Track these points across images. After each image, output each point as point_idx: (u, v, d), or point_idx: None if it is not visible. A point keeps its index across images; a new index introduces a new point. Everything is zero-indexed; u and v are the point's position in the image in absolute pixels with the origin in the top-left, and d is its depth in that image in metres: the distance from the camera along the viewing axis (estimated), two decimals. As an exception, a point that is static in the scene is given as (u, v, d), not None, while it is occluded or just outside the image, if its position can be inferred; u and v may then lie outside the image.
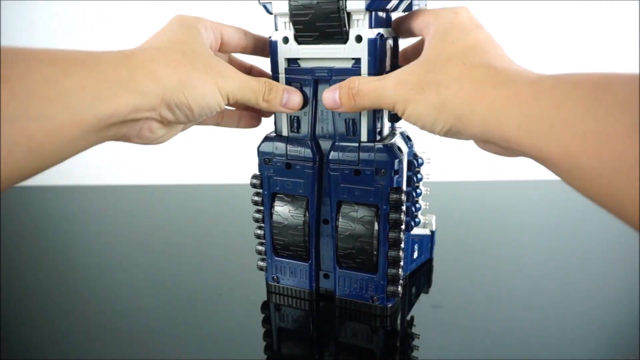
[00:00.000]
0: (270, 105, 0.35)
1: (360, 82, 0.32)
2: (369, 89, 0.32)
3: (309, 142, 0.38)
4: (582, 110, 0.22)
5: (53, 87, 0.24)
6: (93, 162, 1.04)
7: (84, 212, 0.69)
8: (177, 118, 0.31)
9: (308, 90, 0.36)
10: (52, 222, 0.66)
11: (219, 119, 0.39)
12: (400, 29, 0.36)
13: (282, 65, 0.36)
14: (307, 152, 0.37)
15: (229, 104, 0.34)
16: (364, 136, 0.36)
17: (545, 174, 0.28)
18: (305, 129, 0.38)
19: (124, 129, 0.29)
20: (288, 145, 0.38)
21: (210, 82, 0.31)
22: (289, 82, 0.36)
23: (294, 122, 0.38)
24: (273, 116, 0.39)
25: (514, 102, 0.25)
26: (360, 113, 0.35)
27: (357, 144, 0.36)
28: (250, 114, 0.40)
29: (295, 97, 0.35)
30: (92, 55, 0.27)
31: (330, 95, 0.33)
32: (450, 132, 0.29)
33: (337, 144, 0.37)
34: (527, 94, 0.25)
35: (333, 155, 0.37)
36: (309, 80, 0.36)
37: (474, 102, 0.27)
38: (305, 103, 0.36)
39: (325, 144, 0.38)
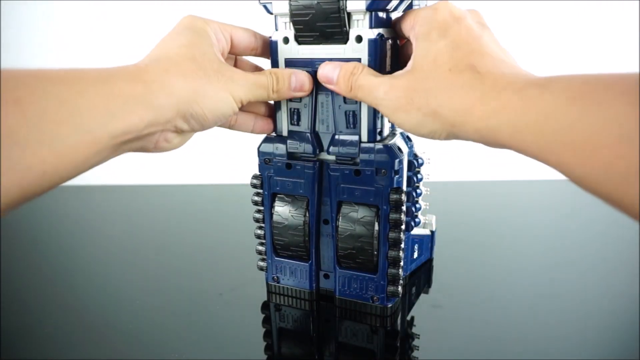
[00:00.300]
0: (281, 94, 0.35)
1: (362, 72, 0.32)
2: (366, 84, 0.32)
3: (309, 135, 0.37)
4: (570, 121, 0.22)
5: (65, 107, 0.24)
6: (93, 162, 1.04)
7: (83, 212, 0.69)
8: (192, 127, 0.31)
9: None
10: (52, 222, 0.66)
11: (232, 122, 0.38)
12: (396, 30, 0.36)
13: (282, 66, 0.36)
14: (307, 147, 0.37)
15: (242, 108, 0.34)
16: (364, 136, 0.36)
17: (545, 174, 0.28)
18: (305, 121, 0.38)
19: (140, 142, 0.29)
20: (288, 140, 0.38)
21: (222, 89, 0.31)
22: None
23: (294, 115, 0.38)
24: (274, 116, 0.39)
25: (503, 114, 0.26)
26: (360, 106, 0.35)
27: (356, 137, 0.36)
28: (264, 119, 0.39)
29: (302, 78, 0.35)
30: (106, 71, 0.27)
31: (329, 72, 0.34)
32: (450, 137, 0.30)
33: (336, 137, 0.37)
34: (515, 105, 0.25)
35: (333, 150, 0.37)
36: (309, 72, 0.36)
37: (464, 113, 0.27)
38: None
39: (325, 138, 0.38)
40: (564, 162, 0.23)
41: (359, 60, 0.34)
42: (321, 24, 0.33)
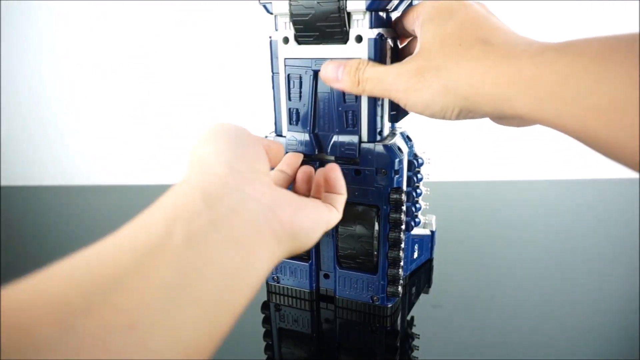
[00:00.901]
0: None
1: (368, 65, 0.32)
2: (374, 75, 0.32)
3: (308, 135, 0.37)
4: (591, 83, 0.21)
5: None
6: (93, 162, 1.04)
7: (83, 212, 0.69)
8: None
9: (308, 82, 0.36)
10: (52, 222, 0.66)
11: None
12: (397, 30, 0.36)
13: (282, 66, 0.36)
14: (305, 147, 0.37)
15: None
16: (364, 136, 0.36)
17: (545, 174, 0.28)
18: (304, 121, 0.37)
19: None
20: (286, 140, 0.38)
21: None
22: (288, 73, 0.36)
23: (294, 114, 0.38)
24: (273, 116, 0.39)
25: (518, 81, 0.24)
26: (360, 106, 0.35)
27: (356, 137, 0.36)
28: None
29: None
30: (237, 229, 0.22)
31: (332, 71, 0.33)
32: (463, 114, 0.29)
33: (335, 137, 0.36)
34: (530, 71, 0.24)
35: (332, 150, 0.37)
36: (309, 71, 0.36)
37: (477, 83, 0.26)
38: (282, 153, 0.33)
39: (325, 138, 0.37)
40: (587, 126, 0.22)
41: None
42: (321, 24, 0.33)
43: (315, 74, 0.36)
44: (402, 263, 0.38)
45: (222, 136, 0.27)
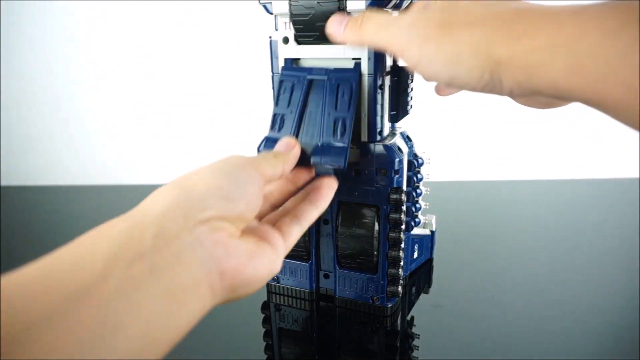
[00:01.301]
0: (287, 164, 0.31)
1: (375, 12, 0.30)
2: (380, 20, 0.29)
3: None
4: None
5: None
6: (93, 162, 1.04)
7: (83, 212, 0.69)
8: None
9: (300, 89, 0.35)
10: (52, 222, 0.66)
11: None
12: None
13: (281, 65, 0.36)
14: None
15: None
16: (364, 136, 0.36)
17: (545, 174, 0.28)
18: (288, 129, 0.34)
19: None
20: (262, 147, 0.35)
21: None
22: (281, 80, 0.35)
23: (277, 120, 0.35)
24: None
25: (558, 39, 0.21)
26: (360, 105, 0.34)
27: (344, 149, 0.32)
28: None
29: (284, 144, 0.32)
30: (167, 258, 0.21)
31: (336, 23, 0.31)
32: (490, 85, 0.25)
33: (319, 144, 0.33)
34: (572, 28, 0.21)
35: (314, 160, 0.33)
36: (303, 79, 0.35)
37: (511, 45, 0.23)
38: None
39: (305, 149, 0.33)
40: (633, 91, 0.19)
41: (359, 60, 0.34)
42: (321, 24, 0.33)
43: (310, 82, 0.35)
44: (402, 263, 0.38)
45: (222, 174, 0.25)
